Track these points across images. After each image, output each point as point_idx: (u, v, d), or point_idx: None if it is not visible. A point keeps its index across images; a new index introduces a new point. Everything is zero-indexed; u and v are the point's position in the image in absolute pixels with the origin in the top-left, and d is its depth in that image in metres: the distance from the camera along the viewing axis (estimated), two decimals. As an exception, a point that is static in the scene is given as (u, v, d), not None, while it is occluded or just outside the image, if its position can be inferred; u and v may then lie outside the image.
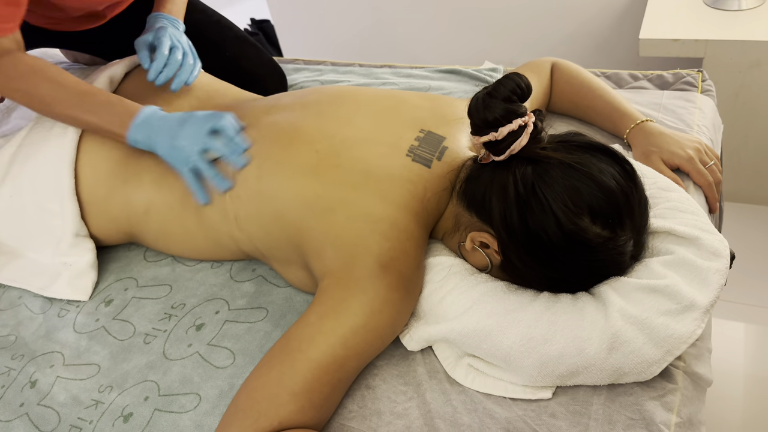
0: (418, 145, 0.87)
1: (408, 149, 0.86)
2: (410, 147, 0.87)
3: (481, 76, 1.34)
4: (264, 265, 0.98)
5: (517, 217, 0.73)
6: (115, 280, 1.01)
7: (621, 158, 0.76)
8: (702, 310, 0.72)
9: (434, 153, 0.87)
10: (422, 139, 0.88)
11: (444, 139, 0.89)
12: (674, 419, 0.71)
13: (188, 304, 0.94)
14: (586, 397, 0.74)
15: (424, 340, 0.80)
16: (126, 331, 0.92)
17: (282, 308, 0.91)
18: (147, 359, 0.88)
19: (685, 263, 0.75)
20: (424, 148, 0.87)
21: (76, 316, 0.96)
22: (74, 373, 0.88)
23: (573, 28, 2.06)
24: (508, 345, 0.74)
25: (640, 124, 1.02)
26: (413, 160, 0.86)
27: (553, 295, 0.77)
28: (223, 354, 0.86)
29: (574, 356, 0.72)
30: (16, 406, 0.86)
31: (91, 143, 1.01)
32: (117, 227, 1.01)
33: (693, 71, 1.25)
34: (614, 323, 0.71)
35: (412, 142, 0.87)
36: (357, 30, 2.34)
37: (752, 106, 1.63)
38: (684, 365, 0.76)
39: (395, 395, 0.78)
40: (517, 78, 0.74)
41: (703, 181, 0.97)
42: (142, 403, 0.82)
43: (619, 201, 0.73)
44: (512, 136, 0.74)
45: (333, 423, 0.76)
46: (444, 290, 0.80)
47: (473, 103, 0.76)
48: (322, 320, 0.74)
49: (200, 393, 0.82)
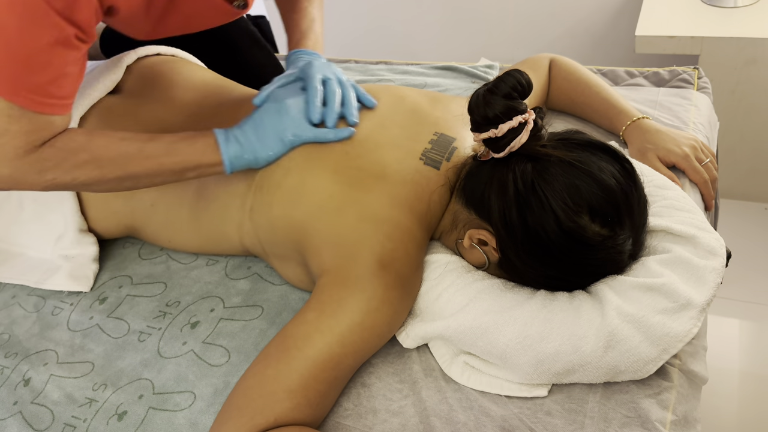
0: (431, 148, 0.87)
1: (422, 153, 0.86)
2: (424, 150, 0.87)
3: (478, 73, 1.34)
4: (259, 262, 0.98)
5: (516, 214, 0.73)
6: (110, 278, 1.01)
7: (621, 156, 0.76)
8: (698, 309, 0.72)
9: (444, 154, 0.87)
10: (435, 142, 0.88)
11: (454, 140, 0.89)
12: (670, 417, 0.71)
13: (183, 301, 0.94)
14: (582, 394, 0.74)
15: (420, 338, 0.80)
16: (120, 329, 0.92)
17: (277, 306, 0.91)
18: (141, 357, 0.87)
19: (681, 262, 0.75)
20: (436, 150, 0.87)
21: (70, 314, 0.96)
22: (68, 371, 0.88)
23: (569, 25, 2.06)
24: (504, 342, 0.74)
25: (637, 122, 1.02)
26: (425, 163, 0.85)
27: (549, 293, 0.77)
28: (218, 352, 0.86)
29: (570, 354, 0.71)
30: (9, 405, 0.85)
31: None
32: (117, 220, 1.01)
33: (689, 68, 1.25)
34: (611, 321, 0.71)
35: (426, 146, 0.87)
36: (353, 27, 2.33)
37: (748, 103, 1.63)
38: (679, 363, 0.76)
39: (391, 393, 0.78)
40: (517, 75, 0.74)
41: (699, 179, 0.97)
42: (136, 401, 0.82)
43: (619, 199, 0.73)
44: (512, 133, 0.74)
45: (328, 421, 0.76)
46: (440, 288, 0.80)
47: (473, 99, 0.75)
48: (319, 318, 0.74)
49: (195, 391, 0.82)
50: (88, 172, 0.81)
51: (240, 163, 0.84)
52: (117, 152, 0.81)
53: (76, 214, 0.99)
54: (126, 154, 0.81)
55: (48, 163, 0.79)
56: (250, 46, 1.32)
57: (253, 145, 0.84)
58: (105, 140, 0.82)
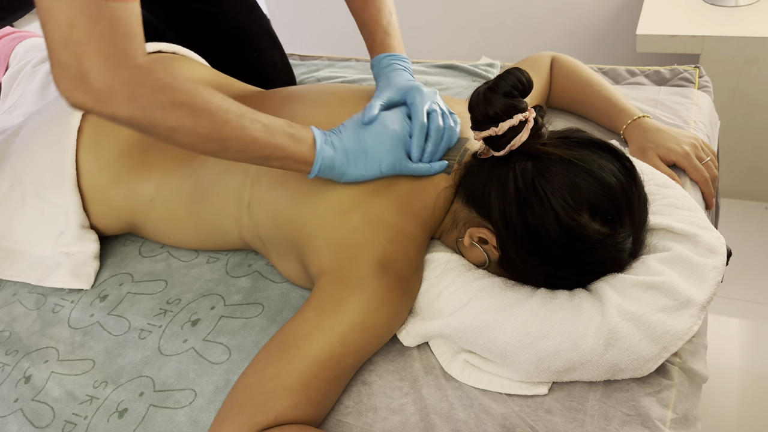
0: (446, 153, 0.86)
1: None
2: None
3: (479, 72, 1.34)
4: (260, 260, 0.98)
5: (516, 212, 0.73)
6: (110, 276, 1.01)
7: (621, 155, 0.76)
8: (698, 307, 0.72)
9: (455, 157, 0.86)
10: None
11: (467, 140, 0.89)
12: (670, 415, 0.71)
13: (183, 299, 0.94)
14: (582, 392, 0.74)
15: (421, 336, 0.80)
16: (121, 327, 0.92)
17: (278, 304, 0.91)
18: (142, 355, 0.87)
19: (682, 260, 0.75)
20: (450, 155, 0.86)
21: (70, 312, 0.96)
22: (69, 369, 0.88)
23: (570, 24, 2.06)
24: (505, 341, 0.74)
25: (637, 120, 1.02)
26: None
27: (550, 291, 0.77)
28: (218, 350, 0.86)
29: (570, 352, 0.72)
30: (10, 402, 0.85)
31: (92, 132, 0.99)
32: (118, 216, 1.01)
33: (690, 67, 1.25)
34: (611, 319, 0.71)
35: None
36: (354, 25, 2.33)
37: (749, 103, 1.63)
38: (680, 361, 0.76)
39: (391, 391, 0.78)
40: (518, 73, 0.74)
41: (700, 177, 0.97)
42: (137, 398, 0.82)
43: (619, 198, 0.73)
44: (513, 132, 0.74)
45: (329, 419, 0.76)
46: (441, 286, 0.80)
47: (474, 97, 0.75)
48: (319, 317, 0.74)
49: (195, 389, 0.82)
50: (181, 116, 0.69)
51: (326, 173, 0.80)
52: (217, 108, 0.71)
53: (78, 209, 0.99)
54: (226, 113, 0.72)
55: (142, 89, 0.66)
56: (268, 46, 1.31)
57: (347, 160, 0.80)
58: (208, 92, 0.72)
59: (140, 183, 0.97)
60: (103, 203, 1.00)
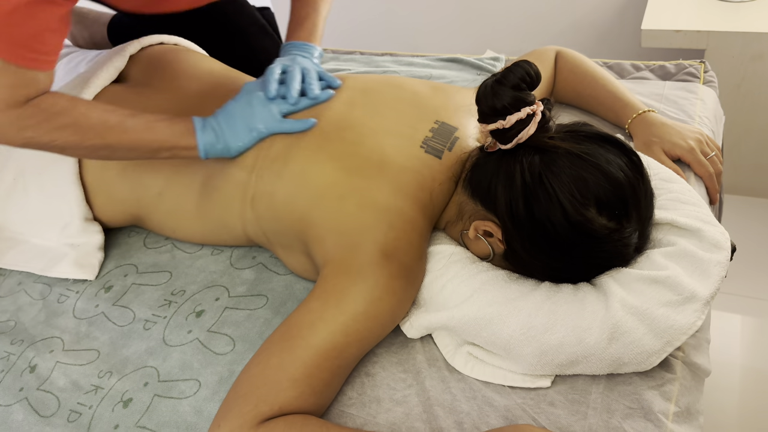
0: (432, 136, 0.87)
1: (422, 141, 0.86)
2: (424, 138, 0.86)
3: (483, 65, 1.33)
4: (264, 252, 0.98)
5: (522, 206, 0.73)
6: (115, 267, 1.01)
7: (628, 149, 0.76)
8: (702, 302, 0.72)
9: (446, 144, 0.87)
10: (436, 131, 0.88)
11: (456, 129, 0.89)
12: (672, 408, 0.71)
13: (188, 290, 0.94)
14: (585, 386, 0.75)
15: (424, 328, 0.81)
16: (126, 317, 0.92)
17: (282, 296, 0.91)
18: (147, 345, 0.88)
19: (686, 255, 0.75)
20: (437, 139, 0.87)
21: (75, 302, 0.96)
22: (74, 359, 0.88)
23: (575, 18, 2.05)
24: (509, 333, 0.74)
25: (642, 115, 1.02)
26: (426, 151, 0.85)
27: (554, 285, 0.77)
28: (222, 340, 0.86)
29: (574, 345, 0.72)
30: (15, 391, 0.86)
31: None
32: (124, 209, 1.01)
33: (695, 62, 1.24)
34: (615, 313, 0.71)
35: (427, 134, 0.87)
36: (358, 18, 2.33)
37: (754, 98, 1.63)
38: (683, 355, 0.76)
39: (394, 382, 0.78)
40: (526, 66, 0.73)
41: (704, 172, 0.97)
42: (141, 388, 0.83)
43: (626, 192, 0.72)
44: (520, 125, 0.74)
45: (332, 410, 0.76)
46: (445, 278, 0.80)
47: (482, 90, 0.75)
48: (323, 307, 0.74)
49: (200, 379, 0.82)
50: (66, 135, 0.83)
51: (214, 151, 0.88)
52: (98, 121, 0.84)
53: (81, 202, 0.99)
54: (106, 124, 0.84)
55: (29, 121, 0.80)
56: (258, 34, 1.32)
57: (225, 135, 0.88)
58: (88, 108, 0.85)
59: (149, 176, 0.97)
60: (108, 196, 1.00)
